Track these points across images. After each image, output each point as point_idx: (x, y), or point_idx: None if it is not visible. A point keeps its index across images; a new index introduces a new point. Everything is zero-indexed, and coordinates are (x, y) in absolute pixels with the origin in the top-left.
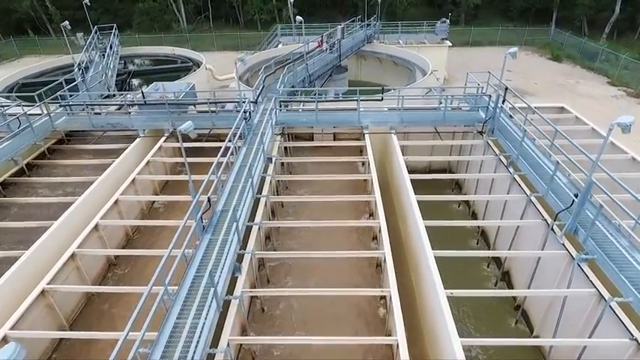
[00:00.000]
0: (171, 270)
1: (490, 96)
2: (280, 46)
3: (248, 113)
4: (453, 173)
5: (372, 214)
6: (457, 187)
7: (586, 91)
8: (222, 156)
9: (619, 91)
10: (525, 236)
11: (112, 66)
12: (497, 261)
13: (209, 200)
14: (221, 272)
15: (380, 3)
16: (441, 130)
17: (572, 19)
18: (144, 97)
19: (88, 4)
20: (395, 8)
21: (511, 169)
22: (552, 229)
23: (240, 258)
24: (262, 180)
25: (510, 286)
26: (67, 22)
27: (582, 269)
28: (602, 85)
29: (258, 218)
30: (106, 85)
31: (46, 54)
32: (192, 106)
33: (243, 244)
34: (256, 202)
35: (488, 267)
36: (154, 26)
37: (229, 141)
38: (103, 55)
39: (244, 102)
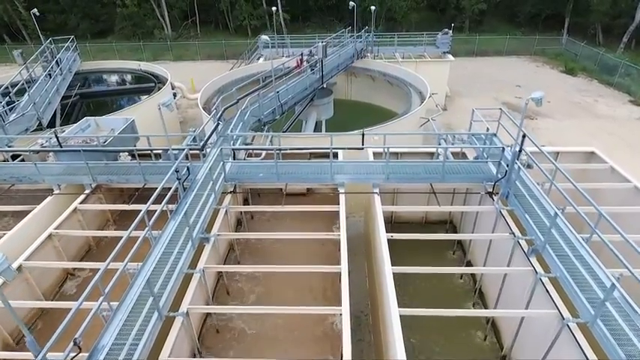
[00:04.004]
0: None
1: (504, 148)
2: (261, 60)
3: (186, 169)
4: (454, 262)
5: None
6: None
7: (606, 111)
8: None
9: None
10: None
11: (53, 89)
12: None
13: (75, 342)
14: None
15: (378, 8)
16: (438, 188)
17: (586, 26)
18: (58, 141)
19: (37, 14)
20: (394, 14)
21: (535, 263)
22: None
23: None
24: (189, 278)
25: None
26: None
27: None
28: (623, 105)
29: (166, 353)
30: (35, 117)
31: (19, 62)
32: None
33: None
34: (170, 322)
35: None
36: (137, 32)
37: (159, 205)
38: (51, 74)
39: (177, 151)
